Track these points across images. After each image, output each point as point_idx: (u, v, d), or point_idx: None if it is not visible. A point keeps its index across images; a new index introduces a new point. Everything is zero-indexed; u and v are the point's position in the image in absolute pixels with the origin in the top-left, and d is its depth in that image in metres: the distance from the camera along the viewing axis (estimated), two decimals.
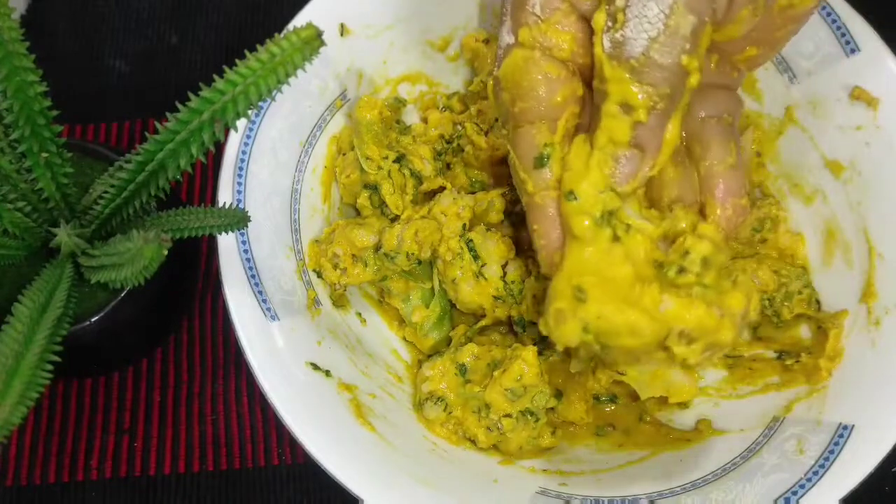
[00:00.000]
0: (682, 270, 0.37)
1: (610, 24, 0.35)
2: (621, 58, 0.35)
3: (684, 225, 0.39)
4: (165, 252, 0.36)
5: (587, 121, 0.40)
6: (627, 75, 0.35)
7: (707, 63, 0.40)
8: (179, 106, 0.38)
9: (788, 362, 0.50)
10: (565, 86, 0.38)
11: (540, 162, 0.38)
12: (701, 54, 0.35)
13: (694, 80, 0.35)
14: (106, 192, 0.43)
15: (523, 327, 0.50)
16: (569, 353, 0.48)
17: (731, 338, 0.38)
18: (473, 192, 0.54)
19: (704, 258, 0.37)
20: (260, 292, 0.46)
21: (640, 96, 0.35)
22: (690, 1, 0.33)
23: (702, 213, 0.40)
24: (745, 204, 0.40)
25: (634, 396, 0.50)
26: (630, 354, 0.39)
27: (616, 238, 0.38)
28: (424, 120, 0.56)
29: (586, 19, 0.37)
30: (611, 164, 0.37)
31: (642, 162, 0.37)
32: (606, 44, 0.35)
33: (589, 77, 0.39)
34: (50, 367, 0.38)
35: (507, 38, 0.39)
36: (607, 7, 0.35)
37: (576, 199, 0.38)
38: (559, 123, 0.38)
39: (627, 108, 0.35)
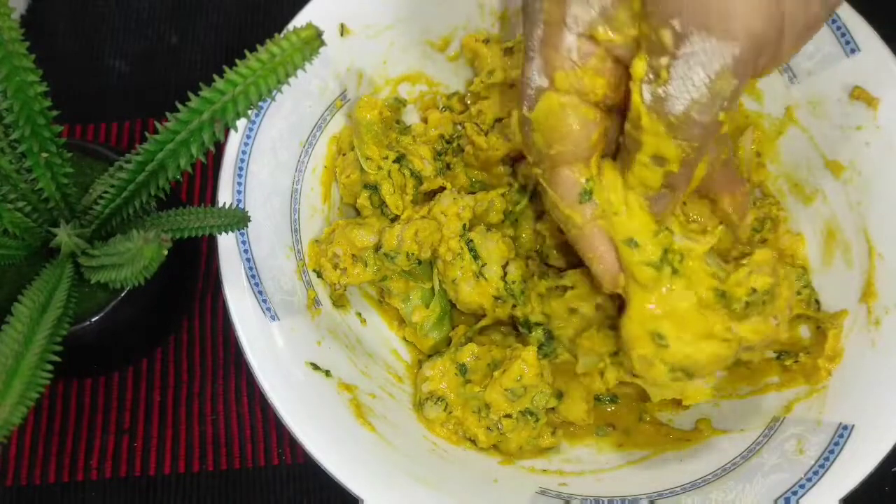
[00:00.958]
0: (748, 305, 0.41)
1: (651, 76, 0.35)
2: (661, 112, 0.35)
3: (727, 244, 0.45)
4: (165, 252, 0.36)
5: (611, 145, 0.41)
6: (664, 130, 0.35)
7: None
8: (179, 106, 0.38)
9: (787, 362, 0.50)
10: (600, 126, 0.39)
11: (585, 197, 0.40)
12: (735, 107, 0.37)
13: (725, 128, 0.37)
14: (106, 192, 0.43)
15: (529, 328, 0.50)
16: (576, 354, 0.48)
17: (786, 335, 0.42)
18: (473, 192, 0.54)
19: (767, 291, 0.41)
20: (260, 292, 0.46)
21: (677, 152, 0.36)
22: (738, 67, 0.33)
23: (712, 203, 0.44)
24: (746, 189, 0.44)
25: (637, 397, 0.50)
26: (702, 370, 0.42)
27: (675, 272, 0.41)
28: (424, 120, 0.56)
29: (619, 61, 0.37)
30: (645, 204, 0.39)
31: (673, 199, 0.39)
32: (647, 95, 0.35)
33: (615, 106, 0.40)
34: (50, 367, 0.38)
35: (537, 79, 0.38)
36: (648, 58, 0.35)
37: (636, 245, 0.40)
38: (593, 159, 0.40)
39: (661, 160, 0.36)
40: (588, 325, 0.48)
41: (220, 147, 0.42)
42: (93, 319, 0.45)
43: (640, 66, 0.35)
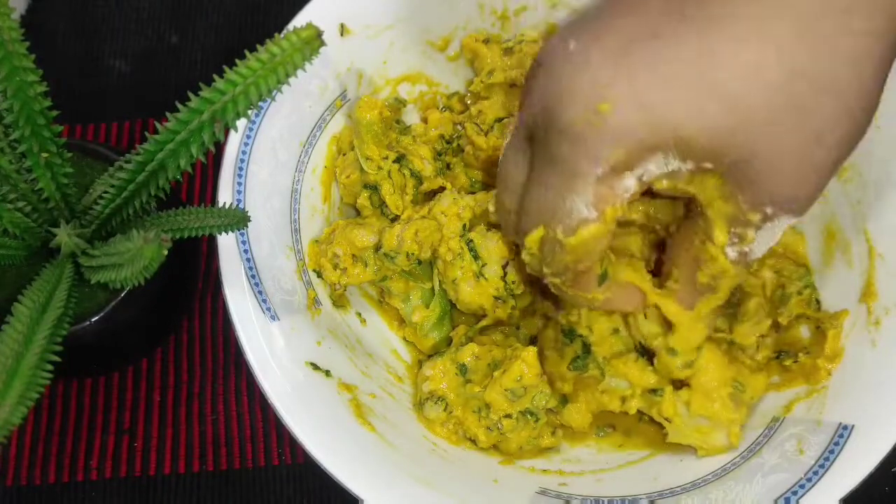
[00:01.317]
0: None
1: (736, 240, 0.38)
2: (744, 263, 0.39)
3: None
4: (165, 252, 0.36)
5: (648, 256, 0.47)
6: (746, 271, 0.40)
7: None
8: (179, 106, 0.38)
9: (787, 362, 0.50)
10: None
11: (603, 279, 0.43)
12: None
13: None
14: (106, 192, 0.43)
15: (570, 338, 0.49)
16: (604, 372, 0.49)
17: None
18: (473, 193, 0.54)
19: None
20: (260, 292, 0.46)
21: (737, 281, 0.41)
22: (801, 213, 0.37)
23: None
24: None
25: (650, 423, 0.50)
26: None
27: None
28: (424, 120, 0.56)
29: (655, 194, 0.39)
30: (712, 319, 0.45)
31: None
32: (732, 255, 0.38)
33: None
34: (50, 367, 0.38)
35: (583, 210, 0.37)
36: (732, 230, 0.38)
37: (675, 353, 0.46)
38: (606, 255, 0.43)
39: (717, 281, 0.41)
40: (627, 350, 0.48)
41: (220, 147, 0.42)
42: (93, 319, 0.45)
43: (720, 236, 0.38)
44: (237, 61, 0.36)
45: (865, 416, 0.44)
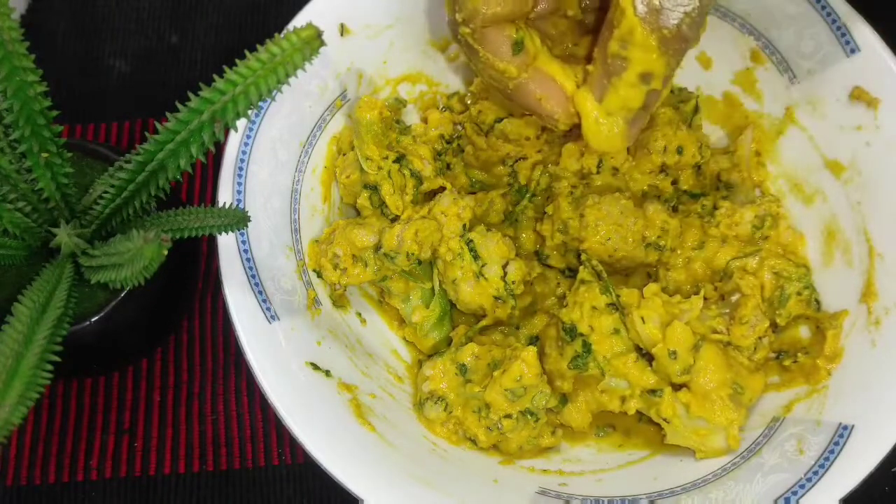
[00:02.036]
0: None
1: None
2: (654, 25, 0.36)
3: None
4: (165, 252, 0.36)
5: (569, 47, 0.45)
6: (656, 44, 0.37)
7: None
8: (179, 106, 0.38)
9: (786, 362, 0.50)
10: None
11: (517, 48, 0.41)
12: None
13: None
14: (106, 192, 0.43)
15: (571, 336, 0.49)
16: (604, 371, 0.49)
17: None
18: (473, 193, 0.54)
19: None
20: (260, 292, 0.46)
21: (665, 69, 0.38)
22: None
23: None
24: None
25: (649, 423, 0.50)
26: None
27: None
28: (424, 120, 0.56)
29: None
30: (624, 127, 0.42)
31: (645, 119, 0.41)
32: (640, 7, 0.36)
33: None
34: (50, 367, 0.38)
35: None
36: None
37: (676, 357, 0.47)
38: (521, 20, 0.41)
39: (648, 77, 0.38)
40: (627, 350, 0.48)
41: (220, 147, 0.42)
42: (93, 319, 0.45)
43: None
44: (237, 61, 0.36)
45: (865, 417, 0.44)
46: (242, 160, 0.48)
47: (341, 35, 0.52)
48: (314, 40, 0.36)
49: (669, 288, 0.51)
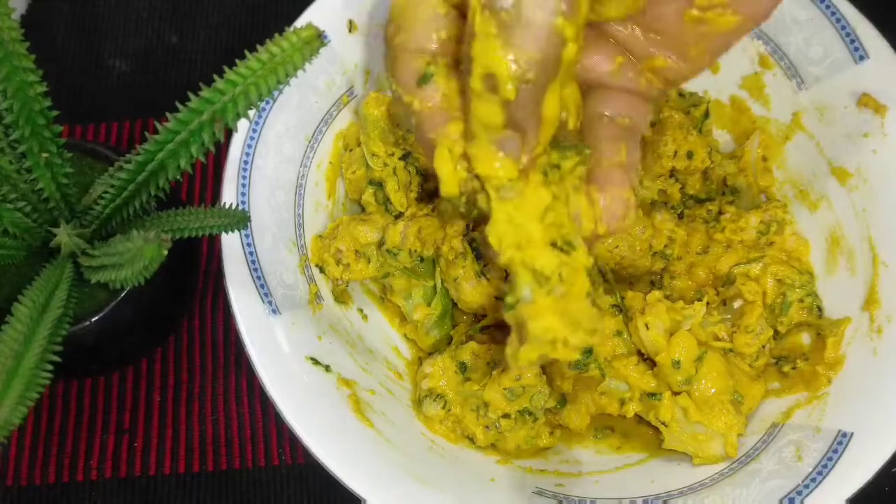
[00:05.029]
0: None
1: None
2: (493, 6, 0.30)
3: None
4: (165, 252, 0.36)
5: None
6: (495, 31, 0.31)
7: (610, 63, 0.38)
8: (179, 106, 0.38)
9: (785, 369, 0.50)
10: (452, 25, 0.35)
11: (423, 80, 0.36)
12: (579, 24, 0.31)
13: (570, 50, 0.31)
14: (106, 192, 0.43)
15: None
16: (604, 373, 0.48)
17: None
18: None
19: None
20: (262, 286, 0.46)
21: (509, 66, 0.31)
22: None
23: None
24: (628, 196, 0.38)
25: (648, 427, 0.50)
26: None
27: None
28: None
29: None
30: (493, 150, 0.34)
31: (524, 145, 0.33)
32: None
33: None
34: (50, 367, 0.38)
35: None
36: None
37: (680, 367, 0.46)
38: (441, 59, 0.36)
39: (493, 82, 0.31)
40: (628, 353, 0.48)
41: (223, 142, 0.42)
42: (93, 319, 0.45)
43: None
44: (237, 61, 0.36)
45: (865, 424, 0.43)
46: (248, 154, 0.48)
47: (349, 32, 0.52)
48: (314, 40, 0.36)
49: (673, 295, 0.51)
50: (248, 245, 0.46)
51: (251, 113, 0.38)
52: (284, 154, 0.49)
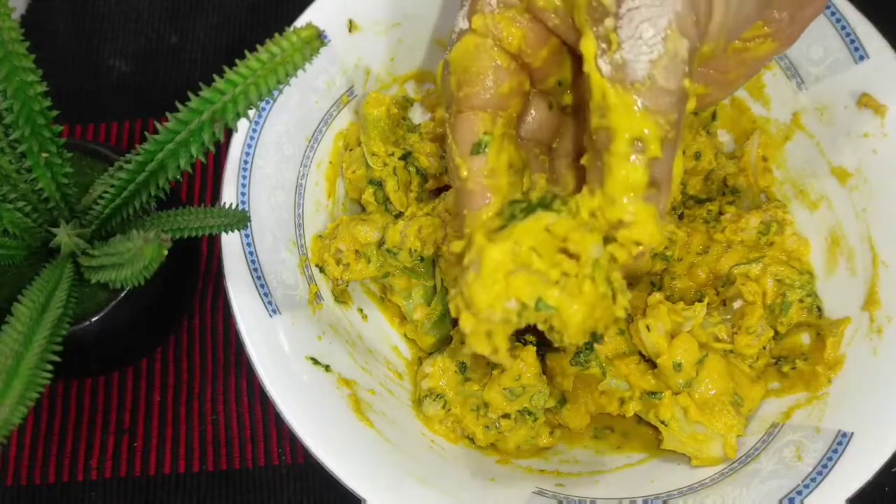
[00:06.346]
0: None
1: (604, 47, 0.33)
2: (625, 82, 0.32)
3: None
4: (165, 252, 0.36)
5: (569, 146, 0.40)
6: (635, 98, 0.32)
7: None
8: (179, 106, 0.38)
9: (785, 369, 0.50)
10: (513, 78, 0.37)
11: (477, 148, 0.37)
12: (694, 79, 0.34)
13: (691, 104, 0.34)
14: (106, 192, 0.43)
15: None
16: (605, 372, 0.48)
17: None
18: None
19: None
20: (262, 286, 0.46)
21: (651, 128, 0.33)
22: (682, 25, 0.32)
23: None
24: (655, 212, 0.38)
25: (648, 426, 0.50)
26: None
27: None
28: (432, 118, 0.56)
29: (539, 21, 0.36)
30: (651, 210, 0.34)
31: (660, 199, 0.35)
32: (605, 68, 0.33)
33: (535, 78, 0.38)
34: (50, 367, 0.38)
35: (461, 23, 0.38)
36: (594, 30, 0.33)
37: (681, 369, 0.46)
38: (502, 116, 0.38)
39: (639, 145, 0.33)
40: (630, 352, 0.48)
41: (223, 143, 0.42)
42: (93, 319, 0.45)
43: (589, 44, 0.33)
44: (237, 61, 0.36)
45: (865, 424, 0.43)
46: (248, 154, 0.48)
47: (349, 31, 0.52)
48: (314, 40, 0.36)
49: (673, 295, 0.51)
50: (248, 245, 0.46)
51: (251, 113, 0.38)
52: (284, 154, 0.49)
